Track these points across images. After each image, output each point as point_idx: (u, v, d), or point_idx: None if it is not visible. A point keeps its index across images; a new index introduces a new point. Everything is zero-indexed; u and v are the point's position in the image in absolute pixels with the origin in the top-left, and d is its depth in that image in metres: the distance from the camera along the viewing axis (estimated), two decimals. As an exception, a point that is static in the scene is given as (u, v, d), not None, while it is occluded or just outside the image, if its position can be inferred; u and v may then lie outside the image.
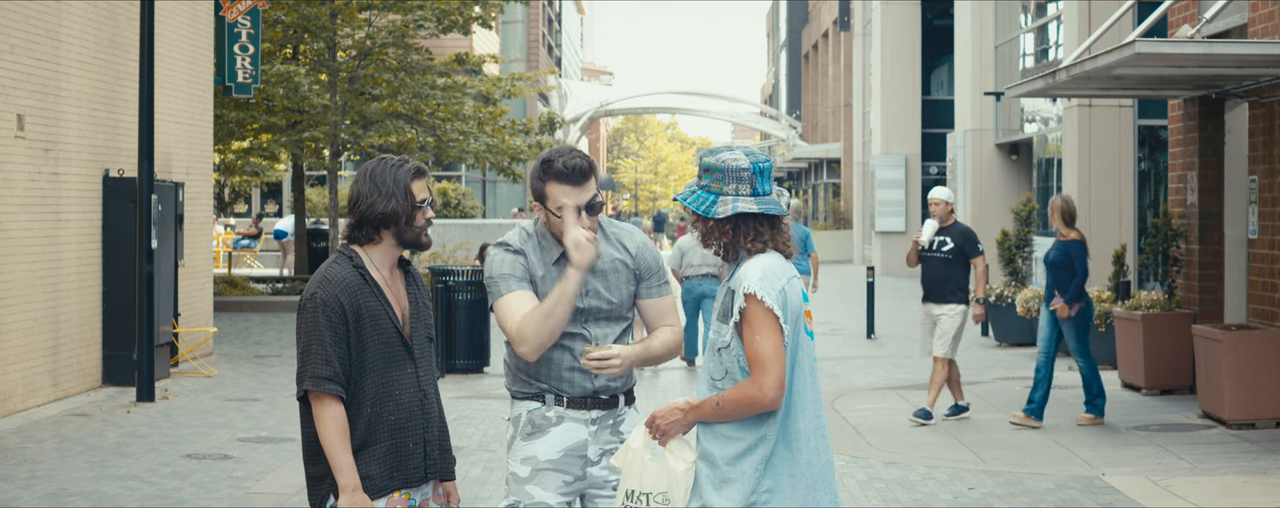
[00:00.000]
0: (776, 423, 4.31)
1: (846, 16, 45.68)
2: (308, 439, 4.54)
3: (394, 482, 4.51)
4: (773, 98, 77.57)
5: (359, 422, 4.49)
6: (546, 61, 60.81)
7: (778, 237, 4.38)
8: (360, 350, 4.48)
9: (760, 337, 4.24)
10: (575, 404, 4.81)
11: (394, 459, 4.52)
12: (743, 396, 4.25)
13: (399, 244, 4.58)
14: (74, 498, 8.93)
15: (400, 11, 23.39)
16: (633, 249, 4.92)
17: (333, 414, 4.43)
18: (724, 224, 4.35)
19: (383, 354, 4.51)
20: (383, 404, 4.50)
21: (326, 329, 4.44)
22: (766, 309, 4.25)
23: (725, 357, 4.34)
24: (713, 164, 4.38)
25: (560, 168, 4.72)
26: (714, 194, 4.36)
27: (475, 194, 39.93)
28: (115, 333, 14.16)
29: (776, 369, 4.23)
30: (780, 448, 4.31)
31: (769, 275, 4.29)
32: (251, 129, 24.56)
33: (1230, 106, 13.23)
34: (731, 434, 4.31)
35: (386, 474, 4.50)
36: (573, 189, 4.72)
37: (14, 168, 12.44)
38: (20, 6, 12.47)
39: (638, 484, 4.43)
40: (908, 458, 10.31)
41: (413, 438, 4.55)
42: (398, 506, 4.59)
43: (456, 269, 15.48)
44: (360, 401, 4.49)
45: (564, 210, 4.70)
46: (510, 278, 4.78)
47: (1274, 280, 11.81)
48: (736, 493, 4.28)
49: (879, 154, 36.66)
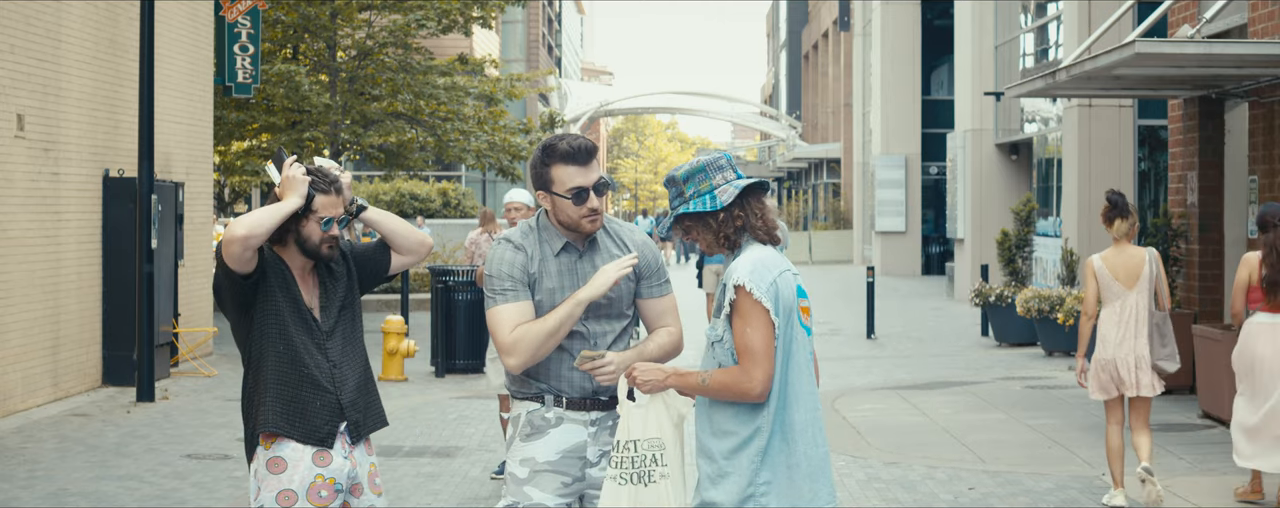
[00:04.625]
0: (771, 416, 4.31)
1: (846, 16, 45.68)
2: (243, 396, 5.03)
3: (296, 432, 4.86)
4: (773, 98, 77.57)
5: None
6: (546, 62, 60.80)
7: (767, 215, 4.44)
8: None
9: (749, 329, 4.26)
10: (574, 406, 4.79)
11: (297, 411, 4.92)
12: (730, 381, 4.28)
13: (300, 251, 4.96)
14: (74, 498, 8.93)
15: (400, 11, 23.39)
16: (633, 248, 4.90)
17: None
18: (733, 209, 4.39)
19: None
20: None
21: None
22: (755, 301, 4.26)
23: (718, 351, 4.37)
24: (690, 168, 4.45)
25: (566, 148, 4.70)
26: (707, 192, 4.40)
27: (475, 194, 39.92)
28: (115, 333, 14.16)
29: (765, 362, 4.25)
30: (776, 441, 4.32)
31: (759, 268, 4.31)
32: (251, 129, 24.55)
33: (1230, 106, 13.24)
34: (727, 429, 4.32)
35: (288, 423, 4.87)
36: (579, 169, 4.69)
37: (14, 168, 12.44)
38: (20, 6, 12.47)
39: (625, 434, 4.47)
40: (908, 458, 10.31)
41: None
42: (325, 492, 4.82)
43: (456, 269, 15.48)
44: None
45: (606, 272, 4.68)
46: (507, 283, 4.75)
47: (1274, 280, 11.80)
48: (734, 487, 4.29)
49: (879, 154, 36.66)
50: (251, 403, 4.94)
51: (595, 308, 4.79)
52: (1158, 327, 8.66)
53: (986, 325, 19.06)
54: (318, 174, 4.94)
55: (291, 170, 4.89)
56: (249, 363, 4.97)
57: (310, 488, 4.83)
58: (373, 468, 5.06)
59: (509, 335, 4.68)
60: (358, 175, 39.46)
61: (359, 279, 5.13)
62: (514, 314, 4.70)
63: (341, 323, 5.03)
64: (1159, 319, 8.67)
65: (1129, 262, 8.63)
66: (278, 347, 4.89)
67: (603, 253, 4.84)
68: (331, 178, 4.95)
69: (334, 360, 4.96)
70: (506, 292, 4.74)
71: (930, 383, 14.66)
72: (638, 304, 4.91)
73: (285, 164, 4.93)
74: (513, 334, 4.67)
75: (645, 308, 4.91)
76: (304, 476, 4.83)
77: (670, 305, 4.95)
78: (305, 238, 4.92)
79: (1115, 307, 8.65)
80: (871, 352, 17.95)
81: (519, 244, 4.80)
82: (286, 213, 4.82)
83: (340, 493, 4.90)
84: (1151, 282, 8.62)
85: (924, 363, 16.57)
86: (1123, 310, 8.62)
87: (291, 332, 4.90)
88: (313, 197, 4.89)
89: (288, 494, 4.81)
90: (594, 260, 4.82)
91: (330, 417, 4.91)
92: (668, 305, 4.94)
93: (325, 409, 4.90)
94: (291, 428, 4.86)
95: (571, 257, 4.80)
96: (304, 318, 4.93)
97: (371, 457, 5.08)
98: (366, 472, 5.02)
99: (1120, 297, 8.64)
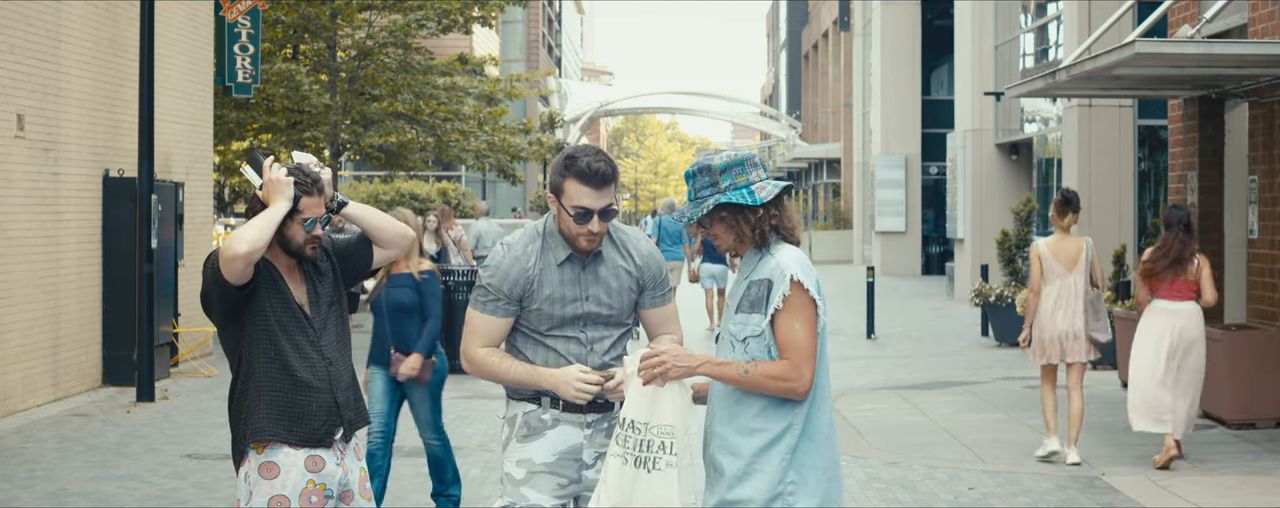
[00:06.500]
0: (802, 415, 4.27)
1: (846, 17, 45.68)
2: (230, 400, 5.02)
3: (293, 437, 4.85)
4: (773, 98, 77.56)
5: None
6: (546, 62, 60.79)
7: (794, 216, 4.42)
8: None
9: (800, 325, 4.21)
10: (571, 407, 4.78)
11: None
12: (779, 374, 4.20)
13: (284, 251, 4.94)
14: (74, 498, 8.93)
15: (400, 11, 23.39)
16: (638, 259, 4.87)
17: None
18: (770, 206, 4.35)
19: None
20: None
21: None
22: (811, 298, 4.23)
23: (754, 345, 4.25)
24: (728, 160, 4.37)
25: (583, 167, 4.64)
26: (744, 186, 4.35)
27: (475, 194, 39.91)
28: (115, 333, 14.16)
29: (814, 360, 4.22)
30: (805, 442, 4.27)
31: (806, 266, 4.29)
32: (251, 129, 24.54)
33: (1230, 106, 13.23)
34: (756, 426, 4.26)
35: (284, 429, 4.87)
36: (591, 191, 4.64)
37: (14, 168, 12.44)
38: (20, 6, 12.47)
39: (632, 414, 4.34)
40: (908, 458, 10.31)
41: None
42: (315, 497, 4.82)
43: (456, 269, 15.47)
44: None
45: (571, 383, 4.64)
46: (494, 293, 4.75)
47: (1274, 280, 11.81)
48: (763, 484, 4.23)
49: (879, 154, 36.66)
50: (241, 408, 4.91)
51: (594, 317, 4.79)
52: (1092, 303, 10.08)
53: (986, 325, 19.06)
54: (299, 174, 4.90)
55: (274, 173, 4.83)
56: (238, 369, 4.94)
57: (302, 494, 4.82)
58: (363, 473, 5.06)
59: (475, 350, 4.76)
60: (358, 175, 39.45)
61: (343, 275, 5.11)
62: (487, 330, 4.76)
63: (332, 320, 5.02)
64: (1093, 297, 10.10)
65: (1069, 248, 10.09)
66: (268, 351, 4.86)
67: (607, 263, 4.83)
68: (314, 177, 4.91)
69: (329, 357, 4.95)
70: (490, 302, 4.75)
71: (930, 383, 14.66)
72: (640, 314, 4.92)
73: (264, 166, 4.87)
74: (478, 352, 4.75)
75: (648, 316, 4.93)
76: (296, 481, 4.82)
77: (672, 313, 4.96)
78: (289, 239, 4.90)
79: (1056, 286, 10.03)
80: (871, 352, 17.95)
81: (519, 253, 4.78)
82: (279, 219, 4.79)
83: (331, 499, 4.89)
84: (1088, 265, 10.05)
85: (924, 363, 16.57)
86: (1062, 290, 10.01)
87: (282, 335, 4.87)
88: (297, 198, 4.86)
89: (279, 499, 4.80)
90: (597, 270, 4.81)
91: (327, 417, 4.89)
92: (670, 313, 4.95)
93: (321, 410, 4.88)
94: (288, 433, 4.84)
95: (576, 267, 4.79)
96: (295, 316, 4.90)
97: (360, 462, 5.08)
98: (357, 478, 5.01)
99: (1061, 277, 10.03)
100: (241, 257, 4.68)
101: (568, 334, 4.77)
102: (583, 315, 4.78)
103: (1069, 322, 9.94)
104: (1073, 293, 9.97)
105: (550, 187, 4.78)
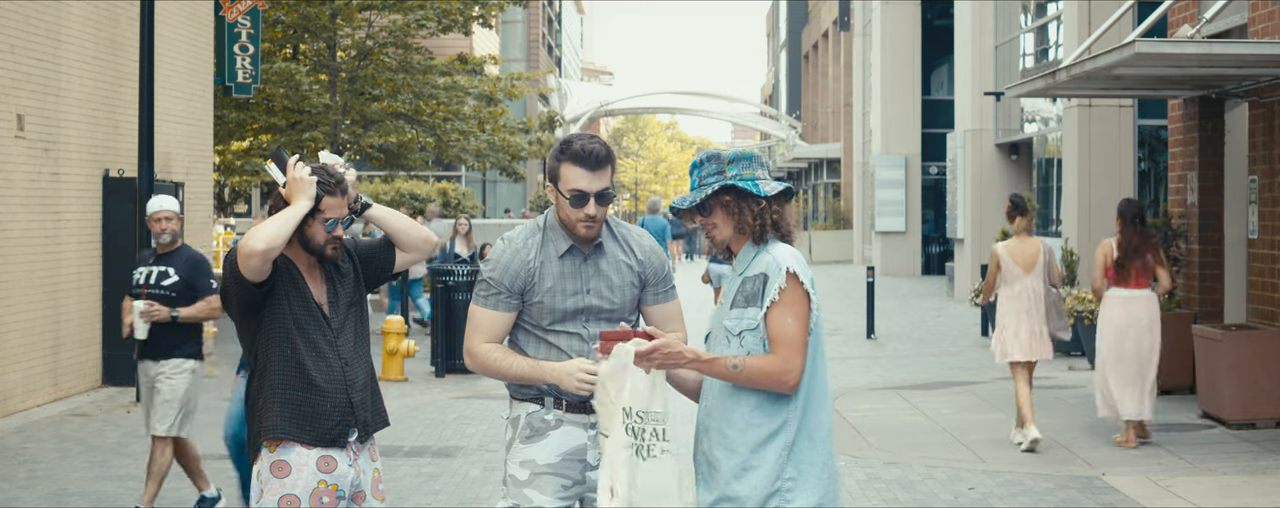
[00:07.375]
0: (799, 411, 4.27)
1: (846, 16, 45.67)
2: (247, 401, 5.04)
3: (305, 436, 4.83)
4: (773, 98, 77.57)
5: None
6: (546, 61, 60.78)
7: (792, 217, 4.45)
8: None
9: (793, 319, 4.22)
10: (574, 408, 4.77)
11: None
12: (768, 368, 4.20)
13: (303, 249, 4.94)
14: (74, 498, 8.93)
15: (400, 11, 23.39)
16: (640, 254, 4.87)
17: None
18: (772, 202, 4.37)
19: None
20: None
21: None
22: (805, 292, 4.24)
23: (749, 339, 4.26)
24: (737, 153, 4.41)
25: (577, 150, 4.66)
26: (749, 180, 4.36)
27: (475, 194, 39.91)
28: (115, 333, 14.13)
29: (804, 353, 4.23)
30: (803, 438, 4.27)
31: (802, 262, 4.31)
32: (251, 129, 24.55)
33: (1230, 106, 13.23)
34: (753, 421, 4.26)
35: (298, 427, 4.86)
36: (586, 173, 4.65)
37: (14, 168, 12.44)
38: (20, 6, 12.47)
39: (635, 402, 4.30)
40: (908, 458, 10.31)
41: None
42: (327, 498, 4.80)
43: (456, 269, 15.47)
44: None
45: (573, 377, 4.58)
46: (495, 288, 4.75)
47: (1274, 280, 11.81)
48: (760, 480, 4.23)
49: (879, 154, 36.65)
50: (256, 405, 4.92)
51: (596, 311, 4.78)
52: (1054, 303, 10.60)
53: (986, 325, 19.05)
54: (323, 174, 4.89)
55: (297, 171, 4.83)
56: (254, 366, 4.94)
57: (313, 493, 4.81)
58: (377, 474, 5.05)
59: (478, 346, 4.76)
60: (358, 176, 39.42)
61: (364, 277, 5.10)
62: (489, 325, 4.75)
63: (350, 321, 5.00)
64: (1053, 298, 10.60)
65: (1027, 250, 10.56)
66: (284, 350, 4.86)
67: (608, 257, 4.82)
68: (338, 178, 4.91)
69: (345, 358, 4.94)
70: (492, 296, 4.76)
71: (930, 383, 14.66)
72: (643, 310, 4.91)
73: (289, 165, 4.86)
74: (481, 348, 4.75)
75: (650, 314, 4.92)
76: (308, 481, 4.81)
77: (675, 311, 4.93)
78: (310, 238, 4.89)
79: (1015, 288, 10.56)
80: (871, 352, 17.95)
81: (520, 246, 4.79)
82: (299, 218, 4.78)
83: (342, 500, 4.88)
84: (1045, 267, 10.55)
85: (924, 363, 16.57)
86: (1022, 292, 10.53)
87: (299, 334, 4.86)
88: (320, 197, 4.85)
89: (290, 499, 4.80)
90: (598, 264, 4.80)
91: (341, 418, 4.88)
92: (673, 311, 4.92)
93: (336, 410, 4.87)
94: (301, 432, 4.83)
95: (576, 259, 4.78)
96: (314, 316, 4.89)
97: (376, 462, 5.06)
98: (370, 478, 5.00)
99: (1019, 279, 10.54)
100: (258, 254, 4.67)
101: (570, 330, 4.76)
102: (584, 309, 4.77)
103: (1030, 322, 10.49)
104: (1032, 295, 10.52)
105: (547, 174, 4.78)
